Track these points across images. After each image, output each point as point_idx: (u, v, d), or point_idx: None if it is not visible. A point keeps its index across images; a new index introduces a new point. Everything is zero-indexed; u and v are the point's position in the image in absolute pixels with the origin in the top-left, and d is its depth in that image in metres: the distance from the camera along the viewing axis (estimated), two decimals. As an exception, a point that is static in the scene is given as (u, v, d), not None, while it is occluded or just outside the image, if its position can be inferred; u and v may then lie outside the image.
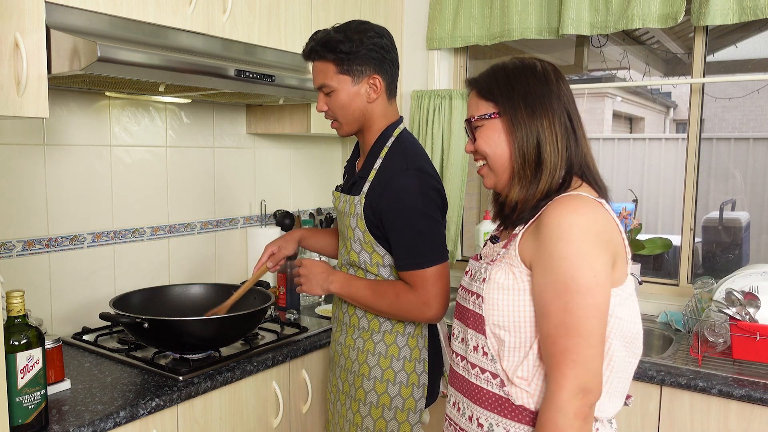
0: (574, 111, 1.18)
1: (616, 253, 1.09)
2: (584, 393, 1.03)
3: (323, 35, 1.53)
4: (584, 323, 1.03)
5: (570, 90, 1.19)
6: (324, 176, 2.93)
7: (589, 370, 1.03)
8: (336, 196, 1.67)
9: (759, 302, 1.83)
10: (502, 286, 1.13)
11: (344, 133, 1.61)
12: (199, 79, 1.69)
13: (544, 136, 1.13)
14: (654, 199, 5.40)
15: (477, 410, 1.18)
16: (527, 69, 1.18)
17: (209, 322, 1.65)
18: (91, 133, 1.99)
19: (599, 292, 1.04)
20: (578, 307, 1.03)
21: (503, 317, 1.13)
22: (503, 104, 1.16)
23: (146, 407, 1.45)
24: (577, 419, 1.03)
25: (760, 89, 5.08)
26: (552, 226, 1.07)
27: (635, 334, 1.15)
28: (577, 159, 1.16)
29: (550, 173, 1.13)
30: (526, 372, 1.12)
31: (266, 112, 2.45)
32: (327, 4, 2.31)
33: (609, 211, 1.11)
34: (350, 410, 1.61)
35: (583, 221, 1.05)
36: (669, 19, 2.12)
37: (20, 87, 1.35)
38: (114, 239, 2.06)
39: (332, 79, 1.52)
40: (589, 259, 1.04)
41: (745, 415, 1.63)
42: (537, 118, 1.14)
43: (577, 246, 1.04)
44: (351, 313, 1.62)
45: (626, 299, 1.13)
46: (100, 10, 1.57)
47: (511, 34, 2.43)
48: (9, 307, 1.28)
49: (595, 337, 1.04)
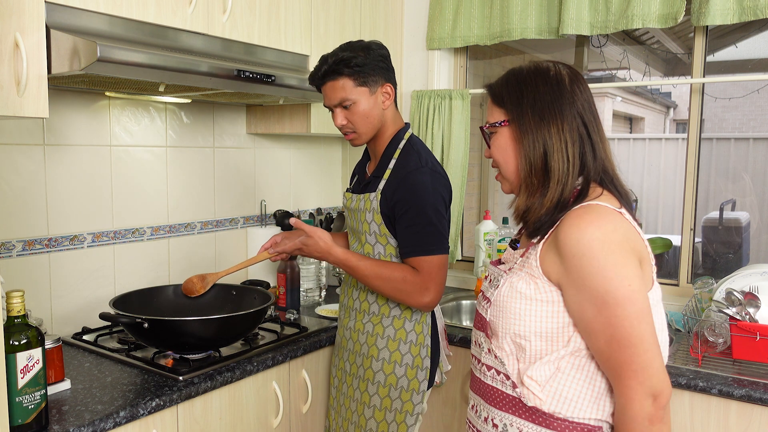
0: (590, 116, 1.14)
1: (641, 258, 1.08)
2: (654, 397, 1.03)
3: (333, 57, 1.62)
4: (633, 332, 1.03)
5: (588, 93, 1.16)
6: (324, 176, 2.93)
7: (652, 374, 1.03)
8: (348, 197, 1.77)
9: (759, 302, 1.83)
10: (525, 296, 1.12)
11: (361, 142, 1.70)
12: (199, 79, 1.69)
13: (551, 144, 1.11)
14: (654, 199, 5.40)
15: (492, 411, 1.18)
16: (539, 74, 1.15)
17: (209, 322, 1.65)
18: (91, 133, 1.98)
19: (638, 298, 1.04)
20: (622, 318, 1.03)
21: (524, 327, 1.12)
22: (512, 111, 1.15)
23: (146, 407, 1.45)
24: (654, 424, 1.03)
25: (760, 89, 5.08)
26: (572, 243, 1.05)
27: (663, 342, 1.13)
28: (595, 166, 1.13)
29: (559, 182, 1.10)
30: (538, 374, 1.11)
31: (266, 112, 2.45)
32: (327, 4, 2.31)
33: (629, 220, 1.09)
34: (358, 390, 1.72)
35: (601, 234, 1.04)
36: (669, 19, 2.12)
37: (20, 87, 1.35)
38: (114, 239, 2.06)
39: (351, 92, 1.62)
40: (618, 269, 1.03)
41: (745, 415, 1.63)
42: (545, 125, 1.11)
43: (603, 259, 1.03)
44: (362, 299, 1.73)
45: (655, 306, 1.11)
46: (100, 10, 1.57)
47: (511, 34, 2.43)
48: (9, 307, 1.28)
49: (647, 340, 1.03)
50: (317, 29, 2.28)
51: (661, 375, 1.04)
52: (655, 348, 1.04)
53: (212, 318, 1.66)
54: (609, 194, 1.14)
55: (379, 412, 1.67)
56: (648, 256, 1.11)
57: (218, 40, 1.90)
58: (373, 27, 2.56)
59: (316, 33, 2.27)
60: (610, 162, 1.16)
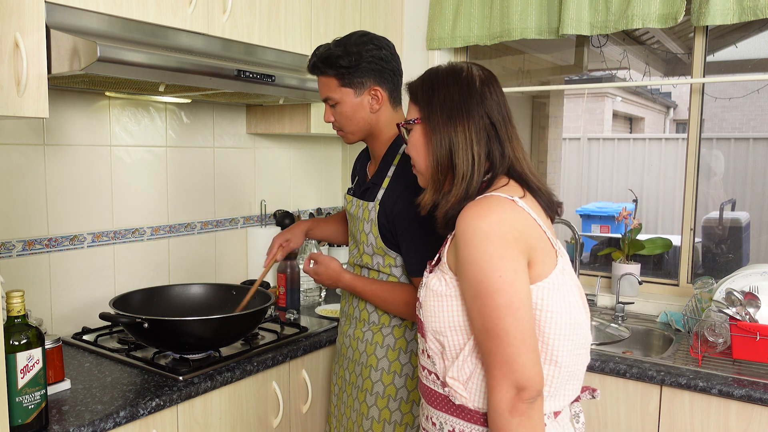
0: (499, 116, 1.17)
1: (531, 248, 1.09)
2: (517, 390, 1.04)
3: (324, 50, 1.58)
4: (499, 323, 1.04)
5: (500, 95, 1.20)
6: (324, 176, 2.93)
7: (515, 368, 1.04)
8: (348, 200, 1.73)
9: (759, 302, 1.83)
10: (436, 293, 1.16)
11: (350, 141, 1.67)
12: (199, 79, 1.69)
13: (456, 142, 1.15)
14: (654, 199, 5.41)
15: (430, 410, 1.22)
16: (451, 74, 1.20)
17: (209, 322, 1.65)
18: (91, 133, 1.99)
19: (508, 290, 1.04)
20: (490, 309, 1.05)
21: (439, 323, 1.15)
22: (424, 110, 1.20)
23: (146, 407, 1.45)
24: (514, 416, 1.04)
25: (760, 89, 5.08)
26: (459, 233, 1.09)
27: (575, 322, 1.13)
28: (502, 164, 1.17)
29: (463, 179, 1.14)
30: (458, 373, 1.14)
31: (266, 112, 2.45)
32: (327, 4, 2.31)
33: (523, 207, 1.10)
34: (356, 400, 1.67)
35: (485, 224, 1.06)
36: (669, 19, 2.12)
37: (20, 87, 1.35)
38: (114, 239, 2.06)
39: (335, 92, 1.58)
40: (493, 260, 1.05)
41: (745, 415, 1.63)
42: (452, 124, 1.15)
43: (481, 249, 1.05)
44: (362, 308, 1.68)
45: (557, 290, 1.11)
46: (100, 10, 1.57)
47: (511, 34, 2.43)
48: (9, 307, 1.28)
49: (513, 334, 1.04)
50: (317, 29, 2.28)
51: (527, 372, 1.04)
52: (520, 344, 1.04)
53: (212, 318, 1.66)
54: (515, 184, 1.17)
55: (378, 424, 1.62)
56: (546, 245, 1.12)
57: (218, 40, 1.90)
58: (373, 27, 2.56)
59: (316, 33, 2.27)
60: (518, 160, 1.19)
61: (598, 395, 1.28)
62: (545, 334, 1.10)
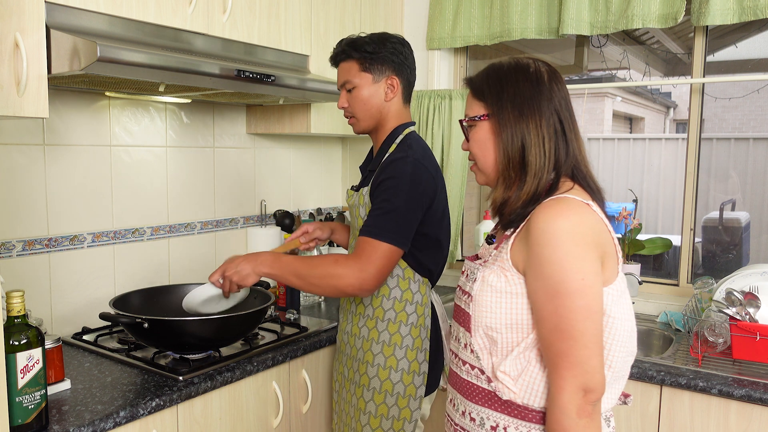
0: (566, 113, 1.17)
1: (604, 252, 1.10)
2: (585, 392, 1.04)
3: (349, 39, 1.67)
4: (577, 325, 1.04)
5: (565, 91, 1.19)
6: (324, 176, 2.93)
7: (586, 370, 1.04)
8: (349, 194, 1.77)
9: (759, 302, 1.83)
10: (495, 289, 1.14)
11: (359, 129, 1.71)
12: (199, 79, 1.69)
13: (529, 139, 1.14)
14: (654, 199, 5.41)
15: (469, 405, 1.20)
16: (520, 70, 1.18)
17: (209, 322, 1.65)
18: (91, 133, 1.98)
19: (588, 293, 1.05)
20: (569, 310, 1.04)
21: (495, 319, 1.14)
22: (492, 106, 1.17)
23: (146, 407, 1.45)
24: (581, 418, 1.04)
25: (760, 89, 5.08)
26: (538, 232, 1.08)
27: (630, 331, 1.15)
28: (567, 162, 1.16)
29: (535, 176, 1.13)
30: (511, 368, 1.13)
31: (266, 112, 2.45)
32: (327, 4, 2.31)
33: (597, 212, 1.11)
34: (355, 395, 1.70)
35: (568, 225, 1.06)
36: (669, 19, 2.12)
37: (20, 87, 1.35)
38: (114, 239, 2.06)
39: (355, 76, 1.64)
40: (576, 262, 1.05)
41: (745, 415, 1.63)
42: (524, 120, 1.14)
43: (564, 250, 1.05)
44: (358, 302, 1.70)
45: (620, 296, 1.13)
46: (100, 10, 1.57)
47: (511, 34, 2.43)
48: (9, 307, 1.28)
49: (588, 337, 1.05)
50: (317, 29, 2.28)
51: (596, 375, 1.05)
52: (594, 346, 1.05)
53: (212, 318, 1.66)
54: (580, 188, 1.16)
55: (375, 419, 1.65)
56: (613, 251, 1.13)
57: (218, 40, 1.90)
58: (373, 27, 2.56)
59: (316, 33, 2.27)
60: (582, 159, 1.19)
61: (630, 401, 1.27)
62: (606, 339, 1.11)
